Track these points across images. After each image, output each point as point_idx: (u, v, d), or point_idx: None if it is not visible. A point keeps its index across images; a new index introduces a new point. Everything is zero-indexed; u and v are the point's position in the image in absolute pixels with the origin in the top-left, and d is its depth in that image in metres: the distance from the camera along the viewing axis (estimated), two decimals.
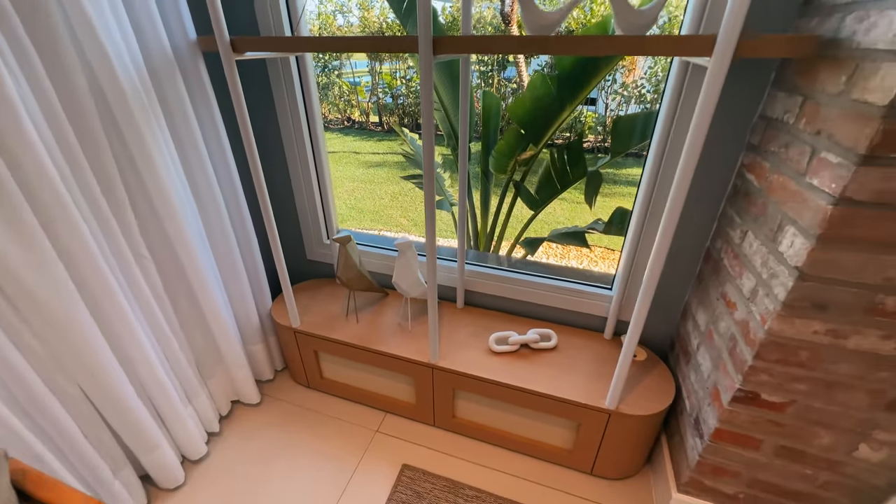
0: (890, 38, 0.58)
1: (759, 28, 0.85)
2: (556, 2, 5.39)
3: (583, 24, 5.19)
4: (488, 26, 5.92)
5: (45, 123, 0.84)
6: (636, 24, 0.79)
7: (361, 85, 8.61)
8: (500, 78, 6.39)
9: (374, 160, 5.66)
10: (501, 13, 5.39)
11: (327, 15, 7.58)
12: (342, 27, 7.59)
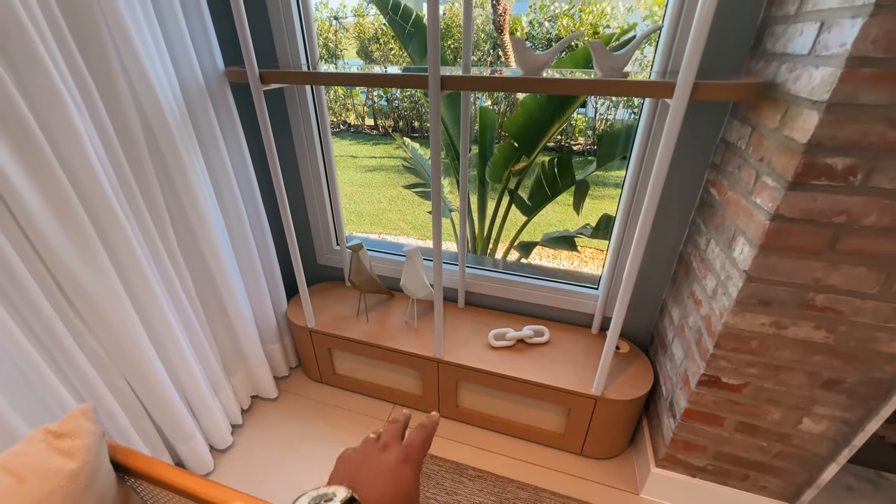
0: (809, 90, 0.72)
1: (717, 66, 1.00)
2: (548, 8, 5.54)
3: (571, 31, 5.34)
4: (481, 33, 6.06)
5: (103, 151, 0.96)
6: (612, 67, 0.93)
7: (356, 90, 8.72)
8: None
9: (371, 164, 5.78)
10: (494, 22, 5.54)
11: (323, 21, 7.67)
12: (338, 33, 7.68)
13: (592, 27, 5.36)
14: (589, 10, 5.35)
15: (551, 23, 5.65)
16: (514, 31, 5.83)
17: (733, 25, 0.96)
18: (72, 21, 0.89)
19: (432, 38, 0.91)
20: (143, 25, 1.00)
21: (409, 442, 0.41)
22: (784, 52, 0.83)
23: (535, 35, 5.81)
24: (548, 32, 5.67)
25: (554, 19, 5.61)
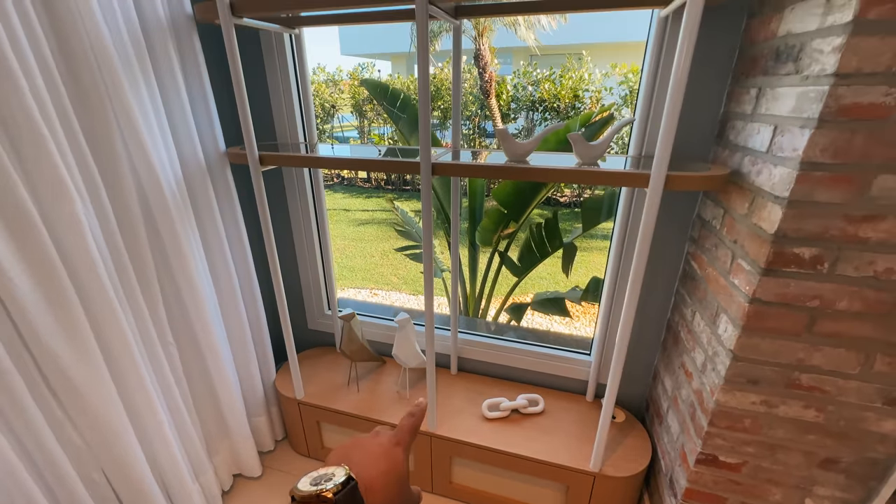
0: (770, 185, 0.79)
1: (688, 151, 1.08)
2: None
3: (554, 96, 5.73)
4: (469, 95, 6.45)
5: (102, 238, 0.98)
6: (590, 155, 1.01)
7: (350, 143, 9.08)
8: (481, 140, 6.88)
9: (364, 217, 5.88)
10: (481, 87, 5.93)
11: (320, 83, 8.13)
12: (333, 94, 8.11)
13: (572, 91, 5.76)
14: (569, 76, 5.77)
15: (534, 87, 6.06)
16: (500, 95, 6.23)
17: (698, 118, 1.06)
18: (80, 110, 0.94)
19: (423, 129, 0.98)
20: (148, 111, 1.06)
21: (399, 427, 0.42)
22: (745, 146, 0.90)
23: (520, 98, 6.21)
24: (531, 95, 6.07)
25: (537, 84, 6.03)
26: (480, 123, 6.80)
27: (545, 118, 6.11)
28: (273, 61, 1.36)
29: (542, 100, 5.93)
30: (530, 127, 6.25)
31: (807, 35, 0.72)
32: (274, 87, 1.40)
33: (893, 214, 0.69)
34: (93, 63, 0.94)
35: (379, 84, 1.86)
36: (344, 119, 9.33)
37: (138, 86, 1.03)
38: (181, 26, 1.12)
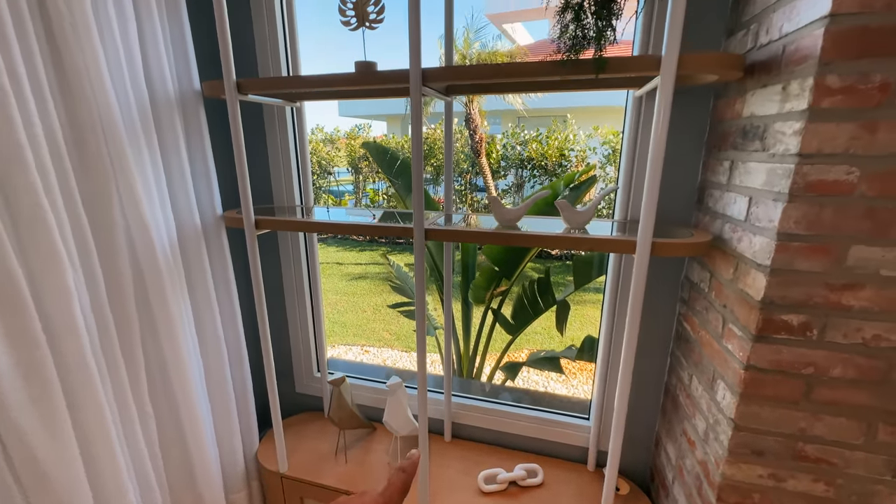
0: (752, 253, 0.82)
1: (671, 216, 1.13)
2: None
3: (542, 155, 6.03)
4: (461, 154, 6.76)
5: (89, 306, 0.96)
6: (578, 221, 1.04)
7: (346, 199, 9.32)
8: (473, 195, 7.12)
9: (357, 272, 5.88)
10: (472, 147, 6.23)
11: (317, 142, 8.51)
12: (330, 152, 8.46)
13: (559, 150, 6.08)
14: (554, 136, 6.13)
15: (522, 146, 6.40)
16: (490, 154, 6.55)
17: (678, 185, 1.11)
18: (82, 179, 0.96)
19: (417, 195, 1.02)
20: (150, 178, 1.09)
21: (388, 485, 0.39)
22: (724, 214, 0.95)
23: (509, 156, 6.53)
24: (520, 154, 6.39)
25: (525, 143, 6.37)
26: (472, 179, 7.07)
27: (533, 175, 6.38)
28: (274, 131, 1.44)
29: (530, 158, 6.24)
30: (519, 183, 6.51)
31: (769, 118, 0.79)
32: (273, 154, 1.46)
33: (872, 283, 0.71)
34: (100, 135, 0.98)
35: (379, 147, 1.95)
36: (340, 174, 9.67)
37: (142, 156, 1.07)
38: (188, 101, 1.19)
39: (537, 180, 6.45)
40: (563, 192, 1.82)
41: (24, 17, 0.84)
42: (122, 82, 1.02)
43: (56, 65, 0.92)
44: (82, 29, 0.91)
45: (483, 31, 9.30)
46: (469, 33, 5.97)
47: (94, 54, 0.94)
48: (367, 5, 1.08)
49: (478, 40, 6.10)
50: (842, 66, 0.65)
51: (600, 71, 0.82)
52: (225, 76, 1.08)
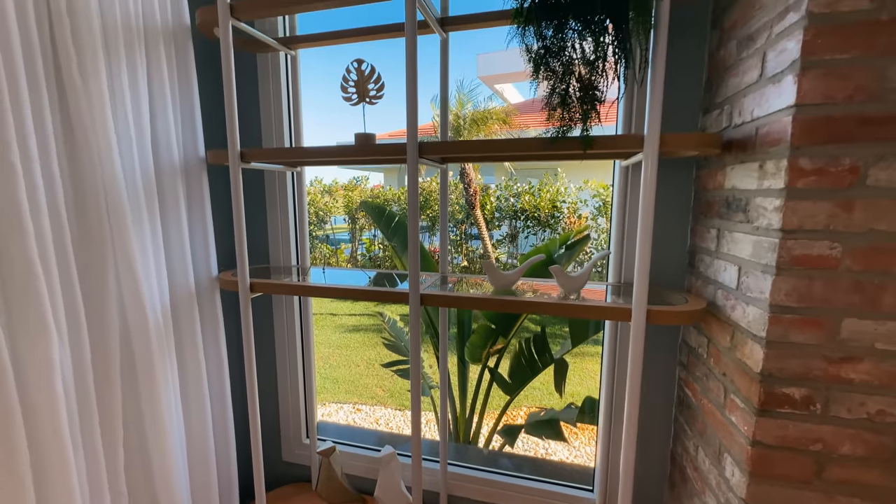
0: (746, 322, 0.82)
1: (664, 280, 1.14)
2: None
3: (535, 207, 6.19)
4: (456, 205, 6.93)
5: (72, 376, 0.93)
6: (572, 286, 1.05)
7: (341, 247, 9.38)
8: (467, 244, 7.20)
9: (351, 323, 5.78)
10: (466, 200, 6.40)
11: (315, 194, 8.70)
12: (328, 203, 8.63)
13: (551, 202, 6.26)
14: (546, 189, 6.33)
15: (515, 198, 6.58)
16: (485, 205, 6.71)
17: (668, 250, 1.14)
18: (80, 248, 0.97)
19: (413, 262, 1.03)
20: (147, 244, 1.10)
21: None
22: (716, 280, 0.96)
23: (503, 207, 6.70)
24: (513, 206, 6.57)
25: (518, 196, 6.56)
26: (466, 229, 7.19)
27: (527, 226, 6.51)
28: (274, 193, 1.47)
29: (523, 209, 6.39)
30: (514, 234, 6.62)
31: (750, 192, 0.83)
32: (273, 215, 1.49)
33: (869, 356, 0.71)
34: (102, 202, 1.00)
35: (376, 207, 2.00)
36: (336, 221, 9.81)
37: (142, 221, 1.09)
38: (192, 168, 1.23)
39: (531, 231, 6.57)
40: (558, 250, 1.85)
41: (41, 85, 0.88)
42: (130, 150, 1.06)
43: (66, 133, 0.96)
44: (96, 100, 0.96)
45: (476, 90, 9.88)
46: (461, 95, 6.36)
47: (104, 125, 0.98)
48: (367, 83, 1.16)
49: (470, 100, 6.48)
50: (812, 151, 0.69)
51: (587, 148, 0.86)
52: (230, 147, 1.12)
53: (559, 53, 0.82)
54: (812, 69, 0.67)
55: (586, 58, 0.82)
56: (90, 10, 0.95)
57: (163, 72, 1.12)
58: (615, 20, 0.79)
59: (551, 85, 0.83)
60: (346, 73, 1.17)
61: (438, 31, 1.17)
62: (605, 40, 0.80)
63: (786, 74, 0.71)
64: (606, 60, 0.80)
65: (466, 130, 6.19)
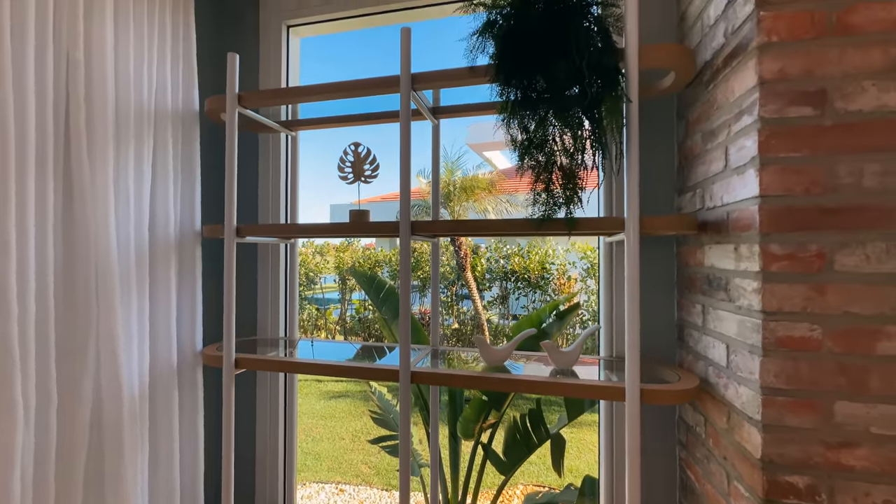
0: (741, 403, 0.81)
1: (655, 352, 1.14)
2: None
3: (524, 268, 6.27)
4: (447, 265, 6.99)
5: (31, 465, 0.86)
6: (565, 362, 1.04)
7: (330, 309, 9.22)
8: (458, 305, 7.16)
9: (337, 390, 5.52)
10: (457, 262, 6.49)
11: (306, 255, 8.75)
12: (319, 264, 8.64)
13: (540, 264, 6.36)
14: (535, 251, 6.47)
15: (506, 260, 6.69)
16: (475, 267, 6.78)
17: (657, 324, 1.15)
18: (63, 328, 0.95)
19: (404, 344, 1.02)
20: (133, 319, 1.07)
21: None
22: (706, 356, 0.96)
23: (493, 269, 6.77)
24: (503, 268, 6.65)
25: (507, 258, 6.67)
26: (457, 291, 7.18)
27: (517, 287, 6.55)
28: (266, 265, 1.48)
29: (513, 271, 6.47)
30: (504, 295, 6.63)
31: (729, 272, 0.86)
32: (263, 287, 1.49)
33: (866, 442, 0.70)
34: (92, 281, 0.99)
35: (365, 275, 2.01)
36: (326, 280, 9.73)
37: (130, 298, 1.08)
38: (187, 241, 1.25)
39: (521, 292, 6.59)
40: (548, 318, 1.85)
41: (48, 166, 0.91)
42: (127, 225, 1.08)
43: (66, 210, 0.97)
44: (100, 180, 1.00)
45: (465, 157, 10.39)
46: (449, 164, 6.70)
47: (105, 204, 1.01)
48: (363, 164, 1.23)
49: (459, 168, 6.82)
50: (780, 237, 0.74)
51: (572, 230, 0.91)
52: (226, 223, 1.15)
53: (542, 145, 0.89)
54: (770, 165, 0.74)
55: (567, 149, 0.89)
56: (107, 98, 1.03)
57: (168, 153, 1.18)
58: (590, 117, 0.87)
59: (536, 173, 0.89)
60: (344, 155, 1.24)
61: (430, 118, 1.28)
62: (582, 134, 0.88)
63: (748, 168, 0.78)
64: (585, 152, 0.87)
65: (456, 197, 6.43)
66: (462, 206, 6.36)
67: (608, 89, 0.86)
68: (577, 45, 0.85)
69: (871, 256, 0.70)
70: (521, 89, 0.91)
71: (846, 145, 0.71)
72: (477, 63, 0.97)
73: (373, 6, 1.39)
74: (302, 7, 1.46)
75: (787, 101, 0.74)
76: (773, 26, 0.74)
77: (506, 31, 0.93)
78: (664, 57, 0.93)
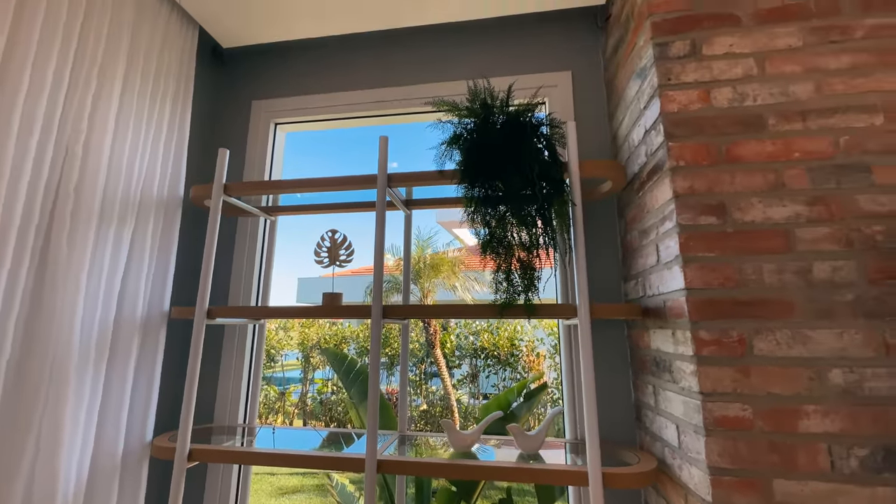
0: (694, 484, 0.85)
1: (616, 435, 1.17)
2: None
3: (493, 345, 6.26)
4: (416, 342, 6.86)
5: None
6: (531, 446, 1.06)
7: (290, 389, 8.60)
8: (427, 384, 6.90)
9: (291, 484, 4.97)
10: (426, 339, 6.42)
11: (269, 330, 8.37)
12: (282, 340, 8.25)
13: (509, 340, 6.39)
14: (504, 328, 6.52)
15: (475, 336, 6.68)
16: (445, 344, 6.70)
17: (616, 404, 1.21)
18: (5, 420, 0.89)
19: (371, 431, 1.01)
20: (83, 405, 1.02)
21: None
22: (661, 437, 1.02)
23: (463, 346, 6.71)
24: (473, 344, 6.61)
25: (477, 334, 6.67)
26: (426, 369, 6.97)
27: (487, 364, 6.47)
28: (232, 347, 1.46)
29: (483, 347, 6.43)
30: (474, 373, 6.50)
31: (670, 355, 0.96)
32: (225, 371, 1.44)
33: None
34: (46, 370, 0.96)
35: (337, 354, 1.98)
36: (288, 356, 9.18)
37: (84, 382, 1.03)
38: (153, 323, 1.24)
39: (491, 369, 6.49)
40: (517, 398, 1.86)
41: (25, 252, 0.92)
42: (94, 307, 1.07)
43: (35, 296, 0.97)
44: (75, 266, 1.01)
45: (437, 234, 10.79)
46: (420, 242, 6.94)
47: (76, 289, 1.01)
48: (339, 249, 1.31)
49: (430, 245, 7.05)
50: (707, 324, 0.85)
51: (531, 315, 0.99)
52: (198, 305, 1.16)
53: (501, 240, 1.01)
54: (691, 262, 0.88)
55: (523, 244, 1.01)
56: (97, 188, 1.09)
57: (146, 238, 1.22)
58: (542, 216, 1.01)
59: (497, 264, 1.00)
60: (321, 241, 1.33)
61: (403, 209, 1.40)
62: (536, 231, 1.01)
63: (674, 264, 0.92)
64: (539, 247, 1.00)
65: (425, 274, 6.57)
66: (431, 283, 6.46)
67: (556, 195, 1.01)
68: (529, 159, 1.02)
69: (781, 342, 0.82)
70: (484, 190, 1.05)
71: (747, 248, 0.87)
72: (445, 167, 1.12)
73: (357, 112, 1.59)
74: (290, 108, 1.64)
75: (697, 211, 0.90)
76: (680, 153, 0.93)
77: (470, 143, 1.10)
78: (600, 169, 1.11)
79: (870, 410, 0.77)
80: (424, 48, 1.58)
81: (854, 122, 0.89)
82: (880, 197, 0.85)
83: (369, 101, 1.57)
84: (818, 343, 0.81)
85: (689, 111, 0.95)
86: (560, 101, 1.45)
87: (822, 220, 0.86)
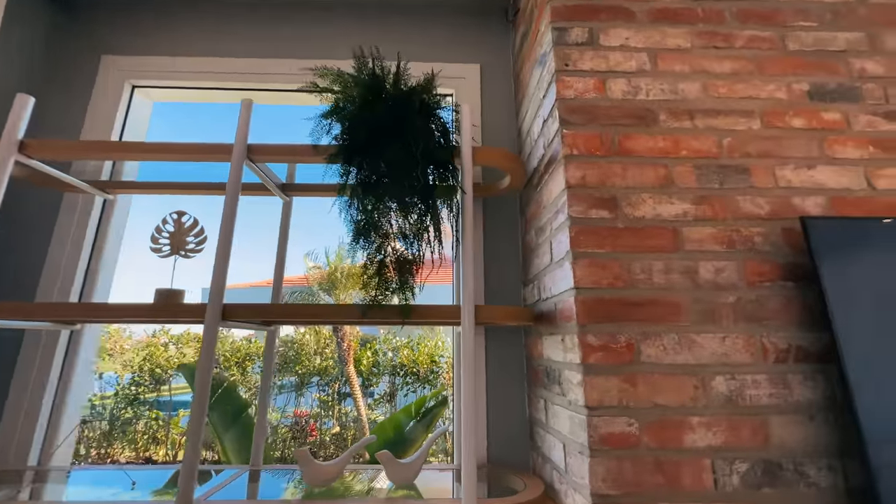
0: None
1: (505, 459, 1.05)
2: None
3: (413, 361, 6.04)
4: (330, 360, 6.39)
5: None
6: (403, 477, 0.88)
7: (179, 416, 7.47)
8: (341, 405, 6.41)
9: None
10: (339, 356, 6.00)
11: (158, 346, 7.26)
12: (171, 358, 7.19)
13: (430, 357, 6.19)
14: (424, 344, 6.32)
15: (395, 353, 6.38)
16: (361, 360, 6.31)
17: (511, 421, 1.08)
18: None
19: (187, 471, 0.76)
20: None
21: None
22: (550, 458, 0.90)
23: (381, 363, 6.36)
24: (392, 360, 6.30)
25: (396, 350, 6.38)
26: (340, 389, 6.50)
27: (406, 382, 6.18)
28: (34, 363, 1.10)
29: (402, 365, 6.15)
30: (392, 392, 6.17)
31: (560, 364, 0.85)
32: (16, 395, 1.08)
33: None
34: None
35: (193, 370, 1.63)
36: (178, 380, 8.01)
37: None
38: None
39: (410, 388, 6.23)
40: (414, 418, 1.67)
41: None
42: None
43: None
44: None
45: None
46: (341, 249, 6.56)
47: None
48: (185, 235, 1.05)
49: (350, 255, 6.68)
50: (595, 328, 0.76)
51: (407, 317, 0.83)
52: None
53: (378, 226, 0.85)
54: (581, 258, 0.79)
55: (403, 233, 0.86)
56: None
57: None
58: (425, 203, 0.87)
59: (369, 255, 0.83)
60: (162, 224, 1.05)
61: (280, 195, 1.18)
62: (419, 220, 0.87)
63: (565, 261, 0.82)
64: (421, 239, 0.85)
65: (342, 284, 6.19)
66: (347, 294, 6.11)
67: (443, 179, 0.88)
68: (415, 134, 0.87)
69: (668, 347, 0.75)
70: (363, 168, 0.89)
71: (636, 245, 0.80)
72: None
73: (233, 82, 1.35)
74: (152, 69, 1.35)
75: (589, 204, 0.82)
76: (574, 142, 0.86)
77: (352, 116, 0.94)
78: (496, 158, 1.01)
79: (749, 421, 0.72)
80: (316, 25, 1.41)
81: (735, 125, 0.88)
82: (758, 199, 0.84)
83: (249, 72, 1.35)
84: (703, 348, 0.75)
85: (584, 98, 0.89)
86: (467, 94, 1.36)
87: (707, 220, 0.82)
